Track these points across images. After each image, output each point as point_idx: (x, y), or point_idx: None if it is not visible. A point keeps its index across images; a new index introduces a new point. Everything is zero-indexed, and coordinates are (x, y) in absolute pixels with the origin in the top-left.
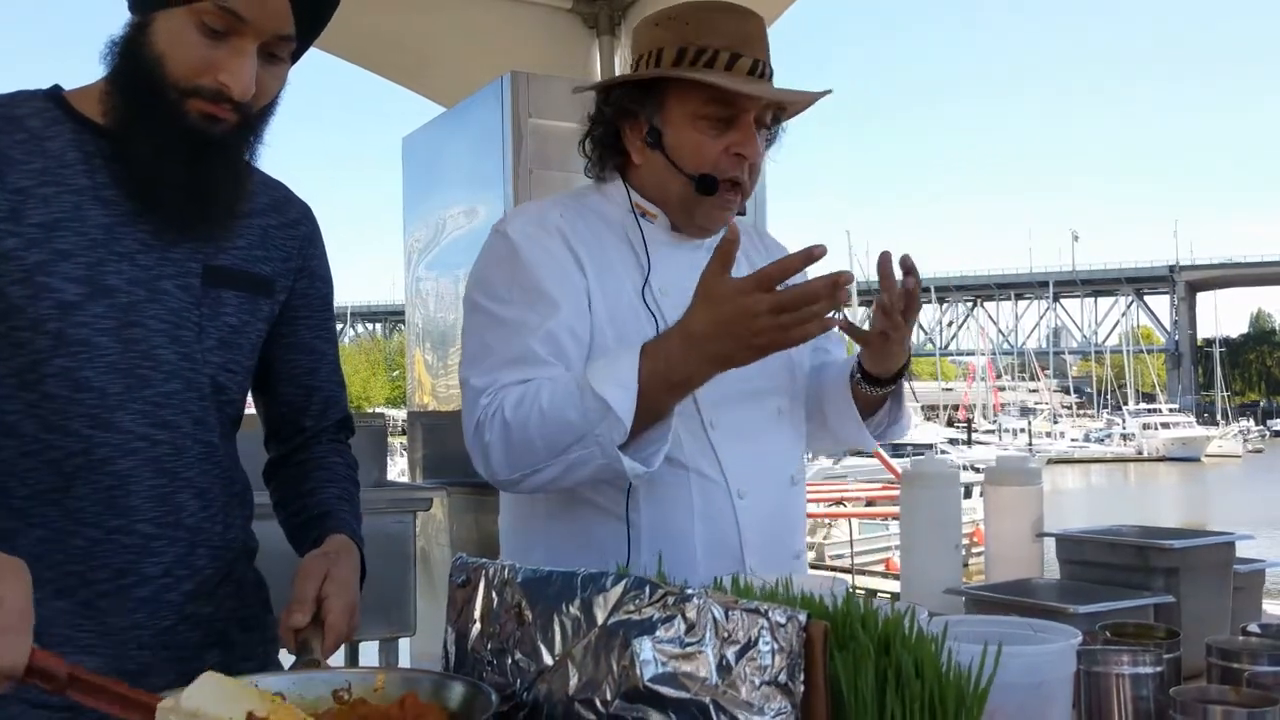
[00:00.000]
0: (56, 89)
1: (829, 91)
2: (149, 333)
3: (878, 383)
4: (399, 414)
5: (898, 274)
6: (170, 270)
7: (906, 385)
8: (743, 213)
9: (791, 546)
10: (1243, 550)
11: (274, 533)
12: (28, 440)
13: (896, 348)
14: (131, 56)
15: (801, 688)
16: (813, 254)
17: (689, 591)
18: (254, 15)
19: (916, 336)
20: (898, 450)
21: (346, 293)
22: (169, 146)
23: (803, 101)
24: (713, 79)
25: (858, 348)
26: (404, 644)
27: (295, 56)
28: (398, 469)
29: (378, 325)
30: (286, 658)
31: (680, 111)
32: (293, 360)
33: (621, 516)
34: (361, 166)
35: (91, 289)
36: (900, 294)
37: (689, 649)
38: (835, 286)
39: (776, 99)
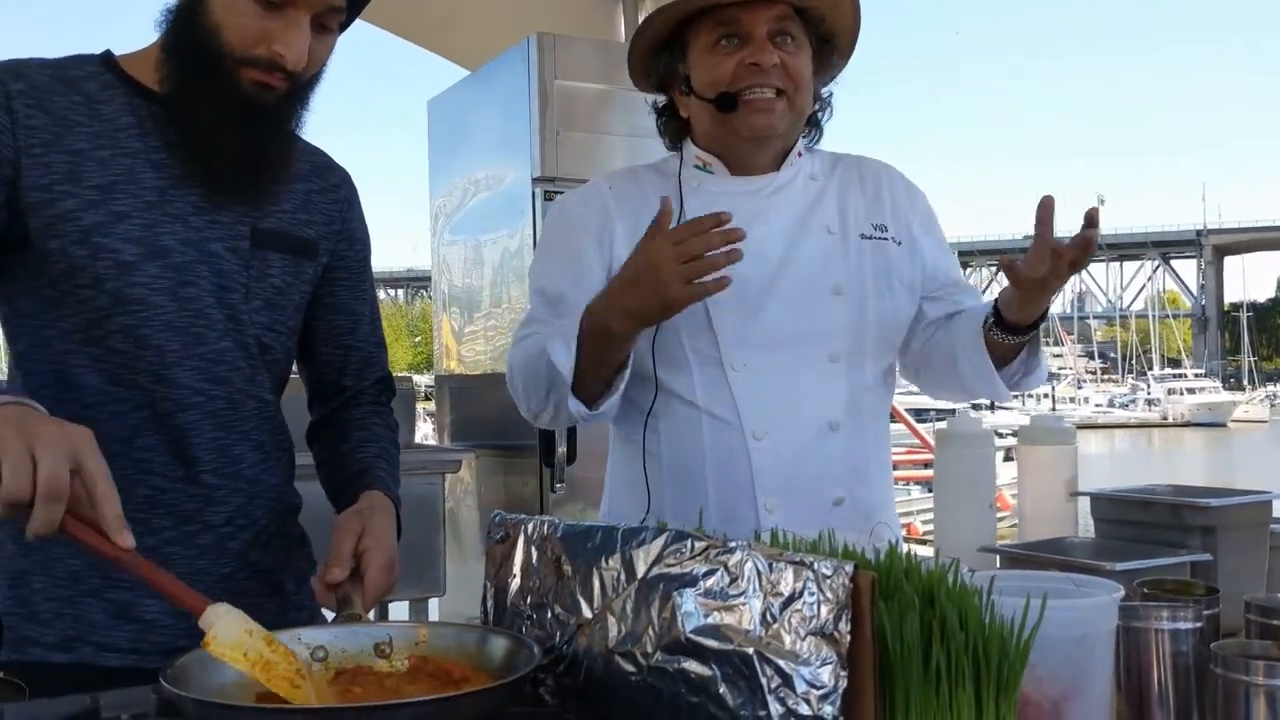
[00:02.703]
0: (108, 54)
1: None
2: (201, 292)
3: (1013, 330)
4: (422, 379)
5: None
6: (219, 233)
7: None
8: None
9: (827, 494)
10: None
11: (311, 491)
12: (92, 393)
13: (1046, 296)
14: (188, 25)
15: (848, 637)
16: (720, 218)
17: (732, 544)
18: None
19: None
20: (921, 415)
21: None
22: (224, 113)
23: (821, 5)
24: (707, 1)
25: (989, 295)
26: (434, 604)
27: (343, 27)
28: (421, 435)
29: (400, 291)
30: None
31: (697, 50)
32: (331, 321)
33: (647, 452)
34: (384, 131)
35: (147, 250)
36: (1080, 242)
37: (732, 601)
38: (719, 221)
39: None
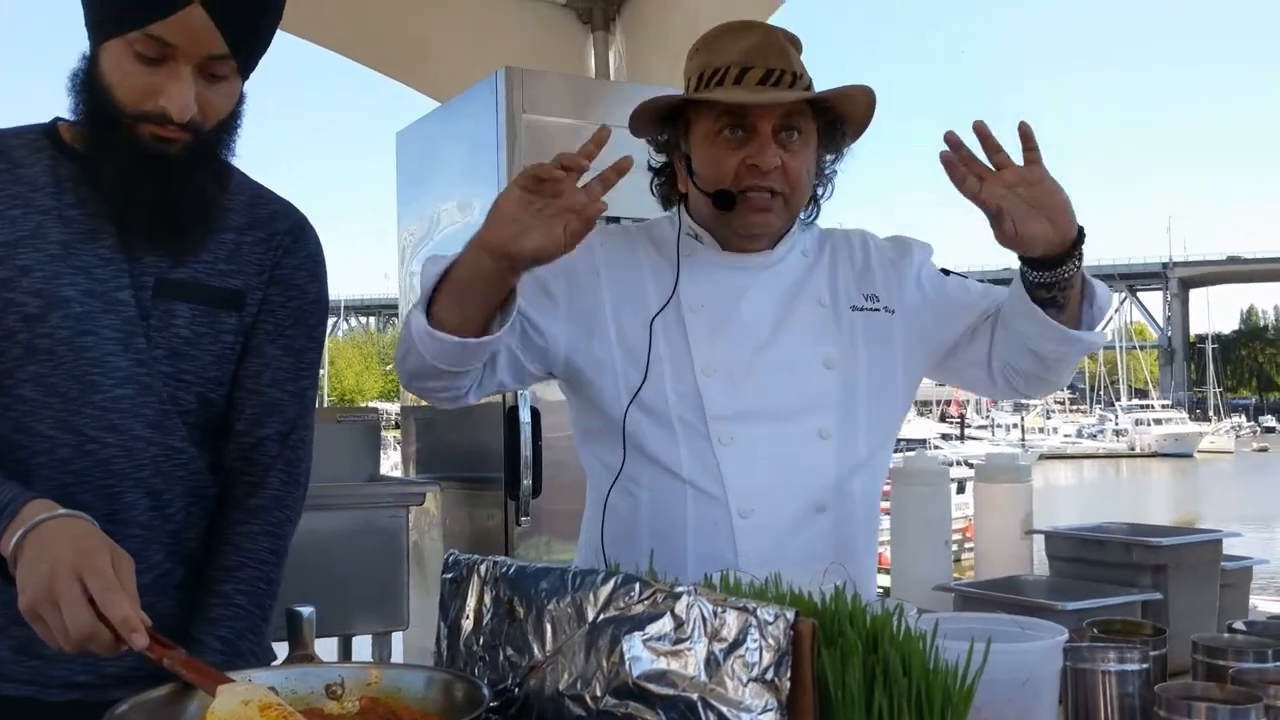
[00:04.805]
0: (54, 121)
1: (830, 91)
2: (101, 340)
3: (1043, 266)
4: (392, 408)
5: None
6: (126, 282)
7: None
8: (793, 218)
9: (811, 572)
10: (1230, 547)
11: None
12: (0, 441)
13: (1032, 219)
14: (88, 89)
15: (788, 684)
16: (600, 137)
17: (679, 589)
18: (181, 40)
19: None
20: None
21: (339, 285)
22: (133, 169)
23: (834, 98)
24: (715, 96)
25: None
26: (397, 638)
27: (245, 71)
28: (390, 463)
29: (371, 319)
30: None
31: (699, 134)
32: (244, 363)
33: (623, 519)
34: (355, 159)
35: (48, 301)
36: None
37: (678, 646)
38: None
39: (755, 101)
